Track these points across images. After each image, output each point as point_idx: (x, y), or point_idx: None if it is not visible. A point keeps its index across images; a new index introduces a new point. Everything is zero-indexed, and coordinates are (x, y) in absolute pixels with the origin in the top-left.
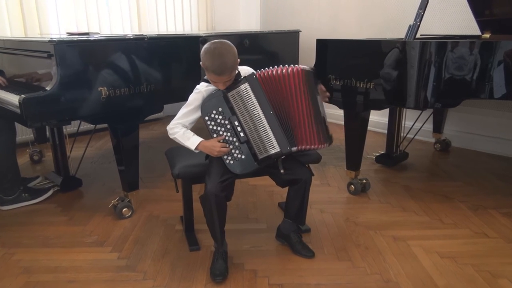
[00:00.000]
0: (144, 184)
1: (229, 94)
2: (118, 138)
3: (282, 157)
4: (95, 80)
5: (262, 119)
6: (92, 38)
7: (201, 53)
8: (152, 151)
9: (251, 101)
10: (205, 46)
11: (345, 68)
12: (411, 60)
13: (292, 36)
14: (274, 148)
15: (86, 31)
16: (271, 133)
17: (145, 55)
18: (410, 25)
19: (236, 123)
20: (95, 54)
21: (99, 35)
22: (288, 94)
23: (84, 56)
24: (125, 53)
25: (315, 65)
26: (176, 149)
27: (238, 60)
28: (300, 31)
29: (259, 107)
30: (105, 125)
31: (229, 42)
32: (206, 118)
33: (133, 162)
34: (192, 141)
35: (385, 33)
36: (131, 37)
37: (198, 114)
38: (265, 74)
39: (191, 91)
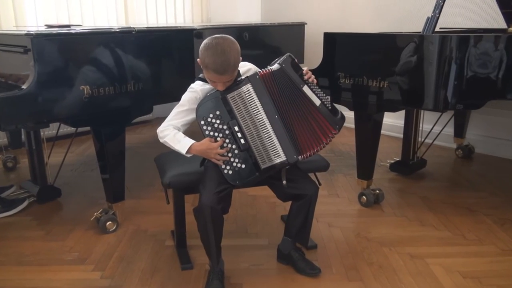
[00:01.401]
0: (130, 195)
1: (229, 96)
2: (102, 142)
3: (287, 167)
4: (76, 78)
5: (266, 124)
6: (73, 31)
7: (200, 49)
8: (140, 157)
9: (254, 104)
10: (205, 41)
11: (356, 65)
12: (430, 56)
13: (297, 29)
14: (279, 156)
15: (67, 23)
16: (276, 140)
17: (132, 50)
18: (428, 17)
19: (236, 128)
20: (77, 49)
21: (81, 28)
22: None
23: (64, 51)
24: (111, 47)
25: (322, 62)
26: (167, 155)
27: (241, 58)
28: (306, 24)
29: (262, 110)
30: (88, 128)
31: (231, 37)
32: (202, 122)
33: (118, 169)
34: (183, 144)
35: (401, 26)
36: (117, 30)
37: (192, 116)
38: (268, 73)
39: (184, 91)
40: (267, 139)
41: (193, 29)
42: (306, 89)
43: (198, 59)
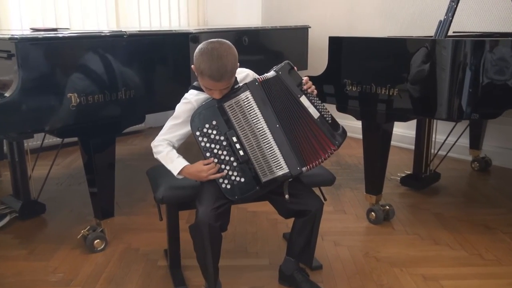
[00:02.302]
0: (120, 211)
1: (226, 105)
2: (90, 154)
3: (289, 180)
4: (63, 85)
5: (267, 133)
6: (60, 35)
7: (194, 54)
8: (131, 170)
9: (253, 113)
10: (200, 46)
11: (363, 71)
12: (443, 62)
13: (300, 33)
14: (282, 168)
15: (54, 26)
16: (278, 150)
17: (124, 55)
18: (440, 21)
19: (234, 139)
20: (64, 54)
21: (69, 32)
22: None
23: (50, 57)
24: (100, 53)
25: (327, 68)
26: (160, 168)
27: (238, 64)
28: (310, 27)
29: (263, 119)
30: (75, 139)
31: (228, 42)
32: (197, 133)
33: (107, 183)
34: (175, 164)
35: (411, 30)
36: (108, 34)
37: (187, 128)
38: (265, 79)
39: (178, 99)
40: (268, 150)
41: (188, 33)
42: (304, 99)
43: (192, 66)
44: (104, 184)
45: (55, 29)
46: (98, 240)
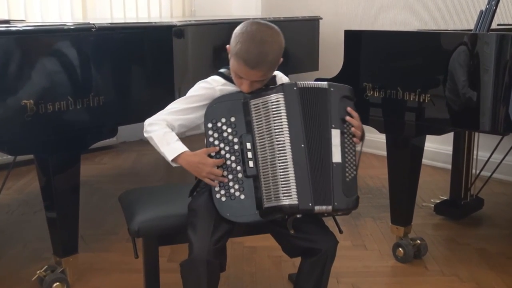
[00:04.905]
0: (86, 246)
1: (253, 102)
2: (48, 175)
3: (297, 216)
4: (16, 90)
5: (287, 150)
6: (14, 29)
7: (234, 32)
8: (100, 195)
9: (279, 121)
10: (243, 24)
11: (387, 73)
12: (485, 61)
13: (309, 26)
14: (290, 197)
15: (6, 18)
16: (293, 174)
17: (92, 53)
18: (481, 11)
19: (248, 145)
20: (18, 52)
21: (25, 24)
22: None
23: (1, 55)
24: (63, 50)
25: (343, 68)
26: (136, 193)
27: (282, 59)
28: (321, 19)
29: (287, 132)
30: (30, 157)
31: (278, 29)
32: (210, 125)
33: (70, 212)
34: (172, 148)
35: (446, 22)
36: (72, 27)
37: (196, 115)
38: (307, 86)
39: (159, 106)
40: (281, 170)
41: (171, 25)
42: (336, 135)
43: (227, 46)
44: (66, 212)
45: (7, 21)
46: (57, 283)
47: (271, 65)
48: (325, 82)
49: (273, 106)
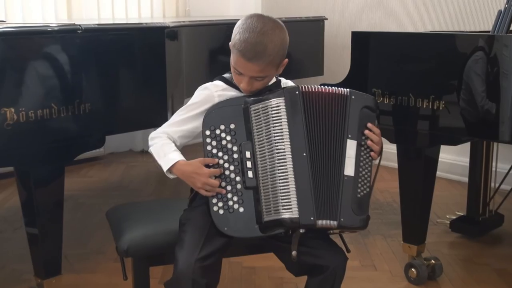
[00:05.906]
0: (70, 267)
1: (253, 108)
2: (30, 189)
3: (301, 231)
4: None
5: (287, 159)
6: None
7: (236, 24)
8: (85, 211)
9: (279, 128)
10: (243, 17)
11: (398, 77)
12: (505, 65)
13: (313, 27)
14: (290, 211)
15: None
16: (293, 185)
17: (77, 56)
18: (500, 11)
19: (248, 154)
20: None
21: (5, 25)
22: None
23: None
24: (46, 53)
25: (350, 73)
26: (125, 209)
27: (286, 60)
28: (326, 19)
29: (288, 140)
30: (10, 169)
31: (283, 24)
32: (208, 132)
33: (53, 229)
34: (167, 158)
35: (460, 23)
36: (56, 29)
37: (194, 124)
38: (312, 91)
39: (150, 113)
40: (281, 181)
41: (164, 27)
42: (351, 146)
43: (230, 43)
44: (49, 230)
45: None
46: None
47: (271, 59)
48: (347, 89)
49: (273, 112)
